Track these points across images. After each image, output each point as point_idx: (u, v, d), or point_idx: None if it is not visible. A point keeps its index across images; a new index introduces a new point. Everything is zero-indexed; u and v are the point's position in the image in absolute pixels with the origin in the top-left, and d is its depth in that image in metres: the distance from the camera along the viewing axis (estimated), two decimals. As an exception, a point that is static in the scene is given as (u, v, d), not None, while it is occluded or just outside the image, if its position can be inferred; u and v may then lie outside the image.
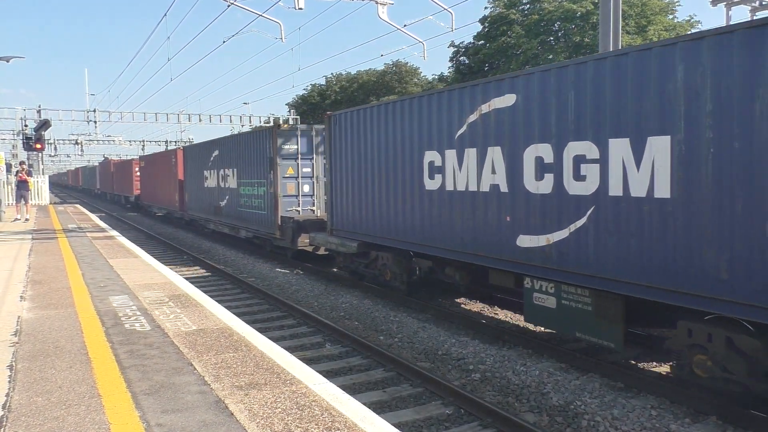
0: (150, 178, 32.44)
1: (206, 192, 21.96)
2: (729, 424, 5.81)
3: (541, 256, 7.51)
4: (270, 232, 16.30)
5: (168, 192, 28.16)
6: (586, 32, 32.27)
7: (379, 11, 15.78)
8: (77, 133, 53.54)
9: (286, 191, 15.86)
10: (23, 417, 3.87)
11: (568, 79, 7.11)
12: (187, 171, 24.74)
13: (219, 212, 20.57)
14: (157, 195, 30.89)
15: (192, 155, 24.18)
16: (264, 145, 16.42)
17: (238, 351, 5.28)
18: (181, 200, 25.81)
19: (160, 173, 29.42)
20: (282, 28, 19.01)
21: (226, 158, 19.66)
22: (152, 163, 32.03)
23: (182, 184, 25.41)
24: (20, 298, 7.63)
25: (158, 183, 30.23)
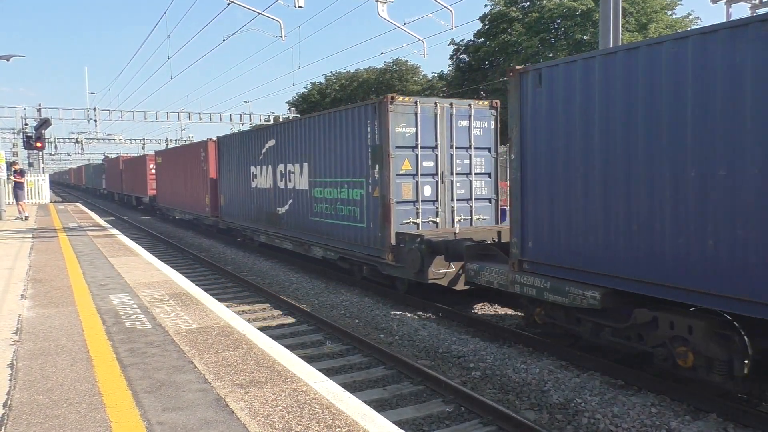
0: (169, 176, 27.82)
1: (254, 194, 17.44)
2: (729, 422, 5.81)
3: None
4: (374, 254, 11.49)
5: (194, 193, 23.54)
6: (586, 30, 32.25)
7: (379, 9, 15.77)
8: (77, 132, 53.60)
9: (400, 195, 11.01)
10: (24, 415, 3.87)
11: None
12: (222, 167, 20.29)
13: (276, 221, 15.90)
14: (178, 196, 26.13)
15: (230, 148, 19.60)
16: (361, 128, 11.63)
17: (239, 349, 5.28)
18: (213, 204, 21.33)
19: (184, 171, 24.85)
20: (282, 27, 19.04)
21: (290, 149, 14.97)
22: (172, 159, 27.36)
23: (215, 184, 21.01)
24: (21, 296, 7.64)
25: (180, 182, 25.51)
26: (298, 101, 57.75)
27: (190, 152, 24.35)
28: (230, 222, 19.82)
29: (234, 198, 19.22)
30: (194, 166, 23.33)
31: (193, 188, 23.73)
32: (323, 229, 13.39)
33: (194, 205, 23.69)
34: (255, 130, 18.07)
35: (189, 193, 24.36)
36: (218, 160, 20.60)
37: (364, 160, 11.58)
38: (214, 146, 21.08)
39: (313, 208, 13.87)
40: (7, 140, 41.64)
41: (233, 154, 19.22)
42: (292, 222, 15.02)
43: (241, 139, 18.85)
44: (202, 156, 22.27)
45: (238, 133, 19.73)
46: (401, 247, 10.67)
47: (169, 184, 28.10)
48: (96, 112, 41.44)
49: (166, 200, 29.15)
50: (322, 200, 13.47)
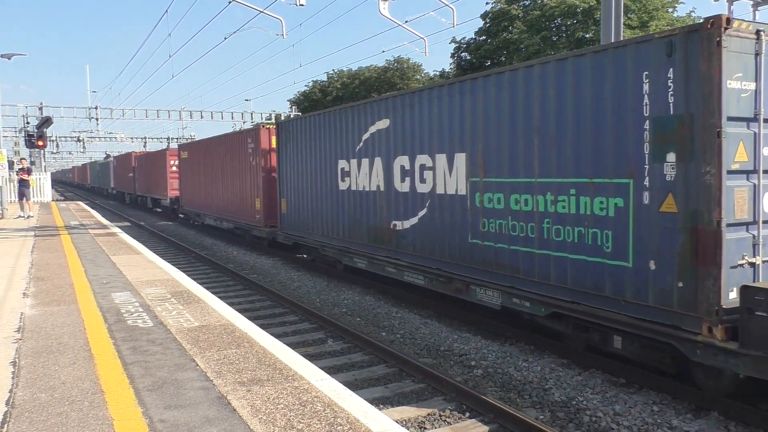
0: (199, 174, 23.19)
1: (344, 199, 12.37)
2: (731, 420, 5.81)
3: None
4: (663, 321, 6.15)
5: (238, 195, 18.77)
6: (588, 28, 32.21)
7: (381, 7, 15.75)
8: (79, 130, 53.69)
9: (732, 212, 5.81)
10: (27, 413, 3.88)
11: None
12: (285, 162, 15.37)
13: (390, 241, 10.87)
14: (213, 199, 21.45)
15: (300, 135, 14.42)
16: (625, 84, 6.51)
17: (241, 347, 5.29)
18: (268, 210, 16.68)
19: (222, 167, 20.32)
20: (283, 25, 19.00)
21: (423, 132, 9.86)
22: (204, 153, 22.59)
23: (272, 184, 16.50)
24: (23, 294, 7.65)
25: (216, 181, 20.97)
26: (300, 99, 57.73)
27: (231, 144, 19.67)
28: (298, 236, 14.78)
29: (305, 203, 14.27)
30: (238, 160, 18.70)
31: (235, 189, 18.98)
32: (504, 260, 8.25)
33: (238, 211, 18.87)
34: (345, 108, 12.34)
35: (229, 194, 19.61)
36: (279, 151, 15.74)
37: (630, 144, 6.46)
38: (268, 134, 16.74)
39: (476, 225, 8.75)
40: (9, 138, 41.70)
41: (304, 144, 14.22)
42: (427, 244, 9.82)
43: (320, 122, 13.45)
44: (249, 147, 17.64)
45: (314, 115, 13.83)
46: (751, 315, 5.39)
47: (198, 183, 23.39)
48: (97, 110, 41.45)
49: (193, 203, 24.36)
50: (500, 213, 8.32)
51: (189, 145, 26.21)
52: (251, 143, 17.64)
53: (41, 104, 37.99)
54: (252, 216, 17.74)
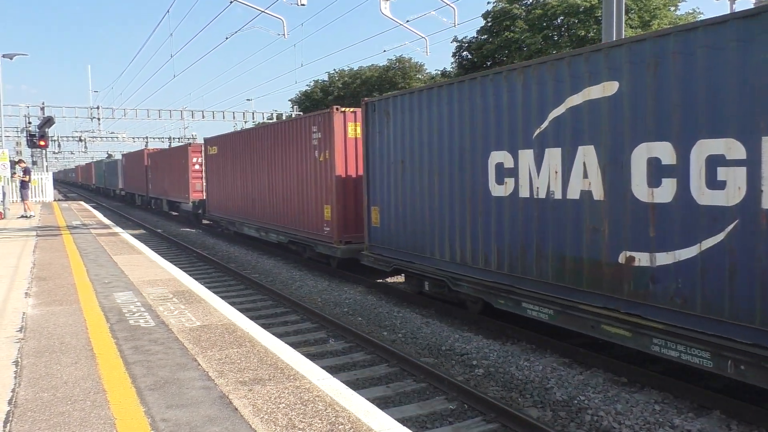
0: (232, 173, 19.91)
1: (507, 209, 8.30)
2: (733, 419, 5.81)
3: None
4: None
5: (295, 201, 14.97)
6: (590, 27, 32.18)
7: (382, 7, 15.75)
8: (81, 130, 53.79)
9: None
10: (29, 412, 3.89)
11: None
12: (377, 157, 11.40)
13: (615, 282, 6.69)
14: (256, 204, 17.76)
15: (409, 116, 10.36)
16: None
17: (242, 347, 5.30)
18: (342, 221, 12.96)
19: (268, 164, 16.73)
20: (284, 24, 19.03)
21: (697, 99, 5.80)
22: (240, 147, 19.02)
23: (351, 186, 13.03)
24: (25, 294, 7.66)
25: (259, 182, 17.43)
26: (301, 99, 57.76)
27: (284, 134, 15.66)
28: (402, 260, 10.68)
29: (417, 215, 10.22)
30: (295, 155, 14.84)
31: (291, 192, 15.20)
32: None
33: (296, 221, 14.90)
34: (509, 71, 8.22)
35: (280, 199, 15.89)
36: (367, 142, 11.58)
37: None
38: (344, 119, 12.88)
39: None
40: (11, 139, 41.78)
41: (417, 130, 10.11)
42: (717, 296, 5.72)
43: (449, 97, 9.35)
44: (315, 138, 13.70)
45: (436, 87, 9.73)
46: None
47: (232, 184, 19.93)
48: (99, 110, 41.54)
49: (224, 208, 20.89)
50: None
51: (219, 139, 21.46)
52: (317, 132, 13.58)
53: (43, 104, 38.10)
54: (317, 228, 13.63)
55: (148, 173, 33.95)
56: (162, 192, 30.93)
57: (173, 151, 29.71)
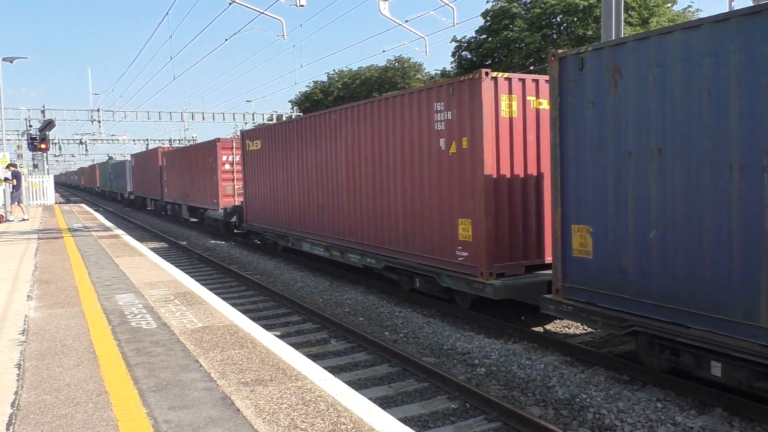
0: (282, 172, 15.84)
1: None
2: (735, 416, 5.81)
3: None
4: None
5: (399, 211, 10.79)
6: (588, 25, 32.17)
7: (381, 7, 15.75)
8: (81, 133, 53.83)
9: None
10: (32, 415, 3.90)
11: None
12: (611, 144, 6.76)
13: None
14: (326, 213, 13.57)
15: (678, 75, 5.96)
16: None
17: (244, 348, 5.31)
18: (493, 243, 8.76)
19: (347, 158, 12.55)
20: (284, 25, 19.04)
21: None
22: (296, 139, 14.93)
23: (505, 190, 8.94)
24: (27, 297, 7.68)
25: (333, 184, 13.22)
26: (301, 100, 57.79)
27: (377, 115, 11.24)
28: (651, 321, 6.40)
29: (688, 241, 6.04)
30: (399, 143, 10.61)
31: (393, 197, 10.89)
32: None
33: (402, 238, 10.68)
34: None
35: (372, 207, 11.63)
36: (562, 118, 7.44)
37: None
38: (494, 88, 8.77)
39: None
40: (12, 142, 41.85)
41: (697, 91, 5.87)
42: None
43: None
44: (438, 119, 9.54)
45: None
46: None
47: (283, 186, 15.85)
48: (99, 112, 41.58)
49: (270, 216, 16.90)
50: None
51: (265, 131, 17.27)
52: (445, 111, 9.34)
53: (44, 107, 38.13)
54: (444, 251, 9.52)
55: (163, 175, 30.22)
56: (181, 196, 26.96)
57: (196, 149, 25.31)
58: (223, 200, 21.50)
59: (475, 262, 8.94)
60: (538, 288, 8.49)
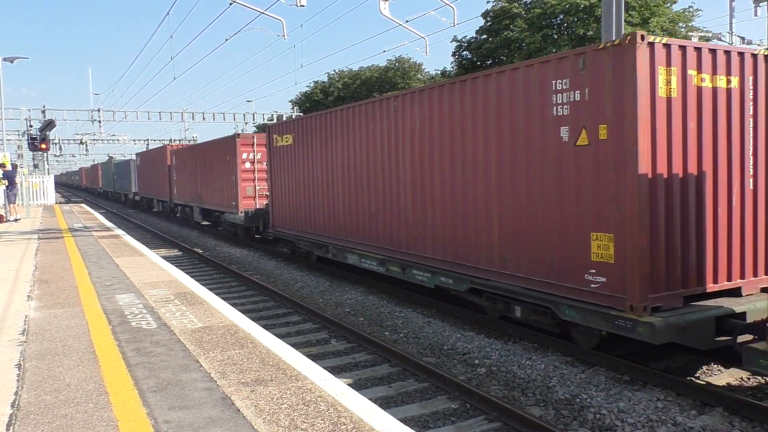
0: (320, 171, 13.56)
1: None
2: (735, 416, 5.81)
3: None
4: None
5: (494, 217, 8.40)
6: (589, 25, 32.16)
7: (381, 7, 15.75)
8: (82, 133, 53.85)
9: None
10: (32, 415, 3.90)
11: None
12: None
13: None
14: (378, 218, 11.36)
15: None
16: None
17: (244, 348, 5.30)
18: (647, 264, 6.43)
19: (401, 156, 10.54)
20: (284, 25, 19.03)
21: None
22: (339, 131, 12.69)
23: (674, 197, 6.70)
24: (27, 297, 7.68)
25: (380, 183, 11.27)
26: (301, 100, 57.80)
27: (455, 100, 9.13)
28: None
29: None
30: (489, 134, 8.51)
31: (485, 202, 8.65)
32: None
33: (495, 255, 8.45)
34: None
35: (450, 213, 9.41)
36: None
37: None
38: (648, 59, 6.52)
39: None
40: (12, 142, 41.87)
41: None
42: None
43: None
44: (559, 101, 7.32)
45: None
46: None
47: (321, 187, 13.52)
48: (100, 113, 41.57)
49: (303, 222, 14.52)
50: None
51: (299, 123, 14.65)
52: (571, 90, 7.20)
53: (44, 107, 38.13)
54: (567, 275, 7.34)
55: (172, 174, 28.04)
56: (193, 198, 24.93)
57: (211, 146, 22.76)
58: (243, 203, 19.40)
59: (618, 291, 6.66)
60: (705, 327, 6.52)
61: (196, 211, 24.87)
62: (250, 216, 19.00)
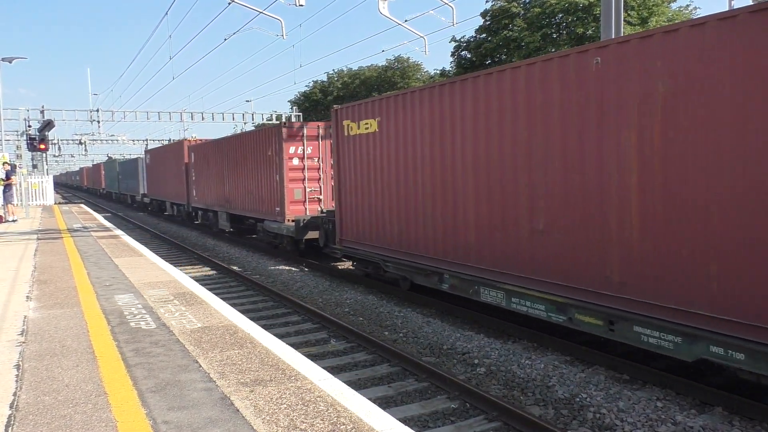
0: (434, 167, 9.59)
1: None
2: (735, 415, 5.80)
3: None
4: None
5: None
6: (588, 24, 32.17)
7: (380, 6, 15.74)
8: (81, 133, 53.83)
9: None
10: (31, 416, 3.89)
11: None
12: None
13: None
14: (596, 244, 6.82)
15: None
16: None
17: (243, 348, 5.30)
18: None
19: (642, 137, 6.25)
20: (283, 25, 19.04)
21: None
22: (502, 109, 8.06)
23: None
24: (26, 297, 7.67)
25: (620, 187, 6.53)
26: (300, 100, 57.81)
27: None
28: None
29: None
30: None
31: None
32: None
33: None
34: None
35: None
36: None
37: None
38: None
39: None
40: (11, 142, 41.84)
41: None
42: None
43: None
44: None
45: None
46: None
47: (427, 191, 9.88)
48: (99, 113, 41.56)
49: (398, 240, 10.79)
50: None
51: (395, 101, 10.73)
52: None
53: (43, 107, 38.12)
54: None
55: (190, 174, 24.77)
56: (218, 201, 21.50)
57: (244, 139, 19.20)
58: (291, 209, 15.82)
59: None
60: None
61: (222, 217, 21.20)
62: (302, 225, 15.00)
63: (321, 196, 15.47)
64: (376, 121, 11.24)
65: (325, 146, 15.99)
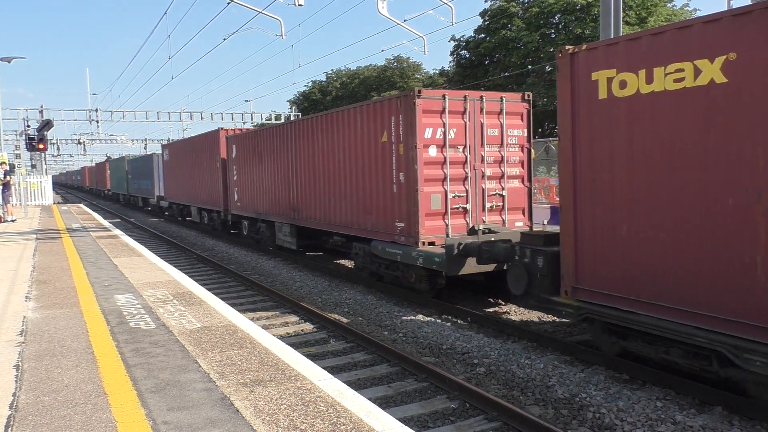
0: None
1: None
2: (735, 414, 5.80)
3: None
4: None
5: None
6: (586, 24, 32.18)
7: (379, 6, 15.74)
8: (79, 133, 53.81)
9: None
10: (30, 416, 3.89)
11: None
12: None
13: None
14: None
15: None
16: None
17: (243, 348, 5.29)
18: None
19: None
20: (282, 25, 19.05)
21: None
22: None
23: None
24: (25, 298, 7.66)
25: None
26: (300, 100, 57.82)
27: None
28: None
29: None
30: None
31: None
32: None
33: None
34: None
35: None
36: None
37: None
38: None
39: None
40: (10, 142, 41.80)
41: None
42: None
43: None
44: None
45: None
46: None
47: None
48: (98, 113, 41.56)
49: None
50: None
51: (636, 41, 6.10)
52: None
53: (41, 107, 38.12)
54: None
55: (229, 173, 19.91)
56: (279, 209, 16.21)
57: (332, 120, 12.99)
58: (428, 225, 10.39)
59: None
60: None
61: (284, 230, 16.06)
62: (458, 252, 9.52)
63: (468, 206, 10.72)
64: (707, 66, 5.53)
65: (473, 128, 10.71)
